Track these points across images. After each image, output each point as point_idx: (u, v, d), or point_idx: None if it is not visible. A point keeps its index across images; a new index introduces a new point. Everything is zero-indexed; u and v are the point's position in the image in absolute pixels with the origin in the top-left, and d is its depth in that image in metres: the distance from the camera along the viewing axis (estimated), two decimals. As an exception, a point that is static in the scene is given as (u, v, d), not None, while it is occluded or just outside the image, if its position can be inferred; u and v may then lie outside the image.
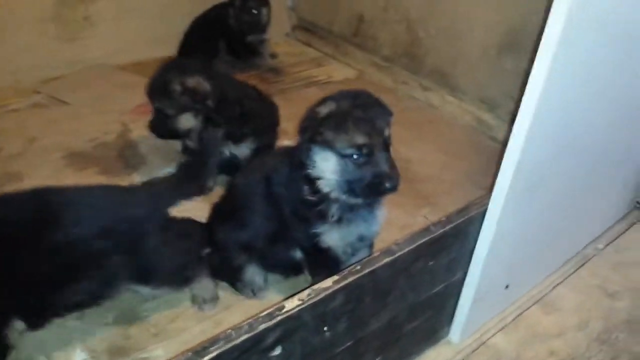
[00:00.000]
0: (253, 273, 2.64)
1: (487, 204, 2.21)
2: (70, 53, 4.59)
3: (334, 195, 2.25)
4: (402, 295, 2.07)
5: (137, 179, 3.40)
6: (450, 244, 2.16)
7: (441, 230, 2.06)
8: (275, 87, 4.69)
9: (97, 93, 4.31)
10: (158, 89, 3.08)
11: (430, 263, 2.10)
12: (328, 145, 2.17)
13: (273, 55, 5.20)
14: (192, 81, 3.05)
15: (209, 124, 3.14)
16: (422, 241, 2.00)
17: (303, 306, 1.68)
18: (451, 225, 2.09)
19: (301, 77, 4.98)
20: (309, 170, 2.26)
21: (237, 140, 3.27)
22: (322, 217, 2.31)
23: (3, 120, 3.91)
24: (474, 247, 2.28)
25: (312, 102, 4.30)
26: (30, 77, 4.41)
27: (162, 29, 4.98)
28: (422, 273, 2.10)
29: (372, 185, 2.16)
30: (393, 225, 3.04)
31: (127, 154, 3.63)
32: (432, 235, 2.03)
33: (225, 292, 2.70)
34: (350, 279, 1.79)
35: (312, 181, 2.27)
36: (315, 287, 1.74)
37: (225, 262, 2.63)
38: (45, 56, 4.48)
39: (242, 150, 3.29)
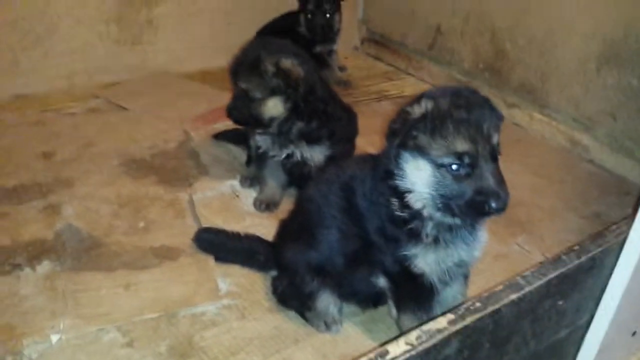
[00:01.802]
0: (327, 302, 2.24)
1: (627, 231, 1.76)
2: (131, 58, 4.41)
3: (427, 212, 1.88)
4: (523, 342, 1.65)
5: (197, 190, 3.08)
6: (583, 280, 1.73)
7: (576, 262, 1.64)
8: (345, 99, 4.35)
9: (158, 100, 4.07)
10: (247, 67, 2.74)
11: (560, 302, 1.68)
12: (421, 152, 1.80)
13: (342, 68, 4.89)
14: (288, 63, 2.72)
15: (293, 115, 2.82)
16: (553, 275, 1.58)
17: (412, 352, 1.29)
18: (587, 256, 1.66)
19: (372, 90, 4.64)
20: (398, 182, 1.89)
21: (312, 141, 2.90)
22: (415, 236, 1.93)
23: (58, 124, 3.70)
24: (607, 283, 1.83)
25: (385, 116, 4.01)
26: (87, 81, 4.25)
27: (227, 37, 4.73)
28: (549, 315, 1.68)
29: (474, 204, 1.76)
30: (486, 253, 2.59)
31: (187, 164, 3.34)
32: (565, 268, 1.61)
33: (293, 323, 2.32)
34: (469, 320, 1.39)
35: (401, 194, 1.90)
36: (426, 328, 1.34)
37: (295, 288, 2.25)
38: (105, 60, 4.30)
39: (316, 154, 2.92)
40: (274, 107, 2.77)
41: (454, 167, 1.75)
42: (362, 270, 2.12)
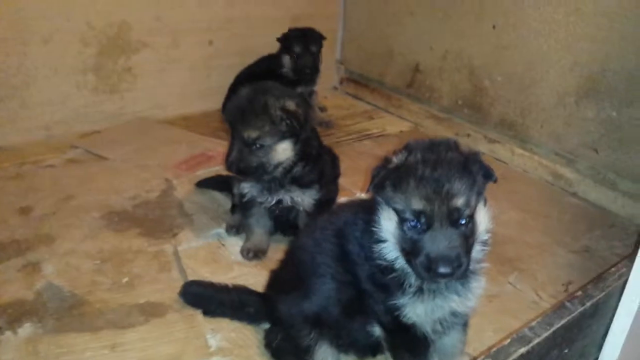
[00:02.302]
0: (324, 354, 2.16)
1: (628, 274, 1.73)
2: (110, 106, 4.36)
3: (398, 263, 1.84)
4: (530, 394, 1.59)
5: (182, 241, 3.00)
6: (587, 325, 1.69)
7: (580, 309, 1.60)
8: (327, 140, 4.33)
9: (139, 147, 4.01)
10: (255, 114, 2.64)
11: (565, 351, 1.63)
12: (388, 203, 1.78)
13: (322, 109, 4.89)
14: (293, 105, 2.69)
15: (297, 158, 2.77)
16: (559, 324, 1.53)
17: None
18: (591, 302, 1.63)
19: (353, 130, 4.65)
20: (375, 228, 1.86)
21: (304, 184, 2.85)
22: (400, 286, 1.88)
23: (36, 177, 3.60)
24: (609, 327, 1.80)
25: (366, 157, 3.99)
26: (65, 131, 4.18)
27: (206, 82, 4.76)
28: (554, 364, 1.63)
29: (425, 264, 1.72)
30: (480, 295, 2.58)
31: (171, 214, 3.26)
32: (570, 316, 1.56)
33: (288, 378, 2.23)
34: (480, 377, 1.33)
35: (378, 242, 1.87)
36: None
37: (290, 341, 2.17)
38: (83, 109, 4.25)
39: (307, 198, 2.86)
40: (283, 152, 2.72)
41: (412, 223, 1.73)
42: (358, 320, 2.05)
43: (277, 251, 2.96)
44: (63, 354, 2.26)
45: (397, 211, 1.75)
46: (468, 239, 1.75)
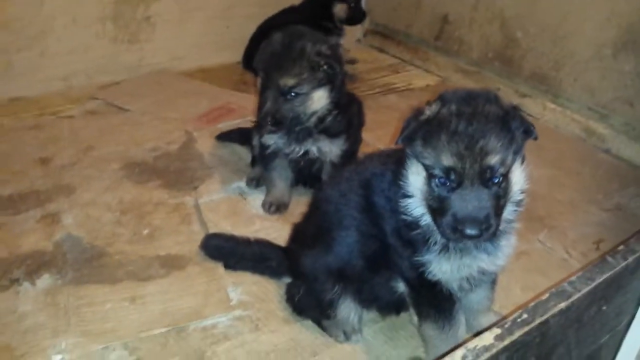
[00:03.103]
0: (347, 309, 2.10)
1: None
2: (129, 57, 4.27)
3: (424, 220, 1.74)
4: (567, 352, 1.52)
5: (203, 194, 2.94)
6: (628, 282, 1.59)
7: (622, 264, 1.50)
8: (351, 94, 4.22)
9: (158, 100, 3.93)
10: (292, 61, 2.51)
11: (604, 307, 1.54)
12: (418, 157, 1.67)
13: (352, 61, 4.75)
14: (330, 50, 2.57)
15: (332, 106, 2.66)
16: (600, 279, 1.44)
17: (457, 374, 1.15)
18: (634, 257, 1.52)
19: (378, 84, 4.50)
20: (402, 182, 1.76)
21: (333, 134, 2.74)
22: (425, 242, 1.79)
23: (55, 128, 3.55)
24: (647, 285, 1.70)
25: (390, 111, 3.86)
26: (84, 82, 4.11)
27: (225, 33, 4.63)
28: (593, 321, 1.55)
29: (451, 224, 1.62)
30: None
31: (191, 166, 3.20)
32: (612, 271, 1.47)
33: (310, 334, 2.18)
34: (517, 334, 1.25)
35: (405, 197, 1.77)
36: (471, 346, 1.21)
37: (313, 296, 2.11)
38: (102, 60, 4.16)
39: (335, 148, 2.76)
40: (319, 100, 2.62)
41: (442, 180, 1.62)
42: (382, 274, 1.98)
43: (298, 205, 2.89)
44: (83, 305, 2.24)
45: (426, 166, 1.64)
46: (500, 199, 1.64)
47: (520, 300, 2.37)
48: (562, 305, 1.34)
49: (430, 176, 1.64)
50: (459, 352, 1.18)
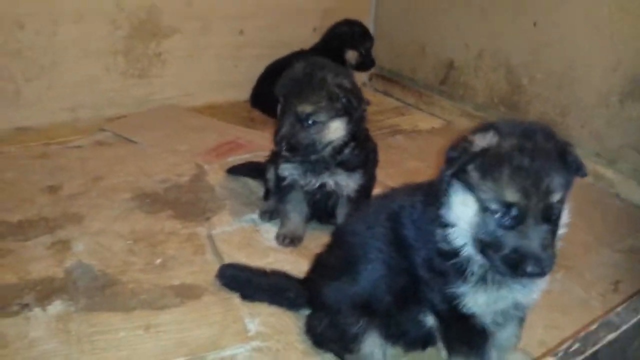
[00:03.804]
0: (372, 344, 2.03)
1: None
2: (138, 91, 4.28)
3: (466, 250, 1.71)
4: (613, 385, 1.47)
5: (215, 225, 2.90)
6: (671, 314, 1.56)
7: (668, 294, 1.47)
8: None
9: (167, 133, 3.92)
10: (311, 89, 2.54)
11: (648, 340, 1.51)
12: (471, 189, 1.64)
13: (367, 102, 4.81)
14: (350, 83, 2.61)
15: (349, 138, 2.67)
16: (647, 308, 1.41)
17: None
18: (678, 288, 1.50)
19: (385, 125, 4.54)
20: (443, 212, 1.74)
21: (351, 168, 2.73)
22: (462, 273, 1.75)
23: (63, 157, 3.52)
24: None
25: (399, 151, 3.88)
26: (92, 114, 4.10)
27: (234, 71, 4.67)
28: (636, 354, 1.50)
29: (509, 260, 1.60)
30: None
31: (203, 198, 3.16)
32: (658, 301, 1.44)
33: (330, 367, 2.11)
34: (572, 362, 1.21)
35: (445, 226, 1.74)
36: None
37: (336, 329, 2.05)
38: (111, 92, 4.16)
39: (352, 182, 2.74)
40: (335, 131, 2.61)
41: (499, 215, 1.59)
42: (411, 309, 1.93)
43: (312, 239, 2.86)
44: (96, 333, 2.16)
45: (480, 199, 1.61)
46: (554, 235, 1.62)
47: (544, 338, 2.33)
48: (611, 336, 1.31)
49: (484, 209, 1.61)
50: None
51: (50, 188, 3.13)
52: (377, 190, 3.09)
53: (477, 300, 1.76)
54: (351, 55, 4.46)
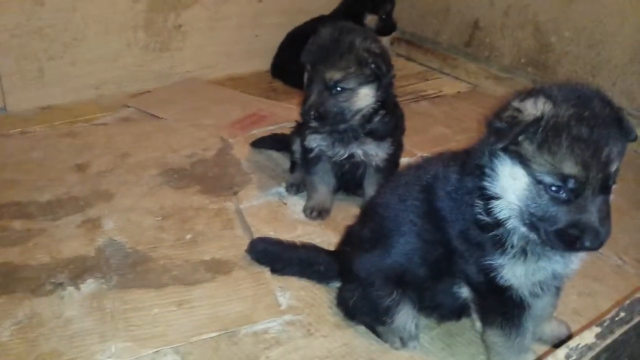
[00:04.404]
0: (405, 316, 2.02)
1: None
2: (160, 65, 4.26)
3: (511, 223, 1.67)
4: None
5: (243, 199, 2.90)
6: None
7: None
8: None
9: (191, 107, 3.91)
10: (339, 55, 2.46)
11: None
12: (522, 161, 1.57)
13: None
14: (379, 47, 2.54)
15: (378, 106, 2.61)
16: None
17: (560, 373, 1.09)
18: None
19: (408, 91, 4.45)
20: (487, 183, 1.68)
21: (380, 137, 2.68)
22: (501, 245, 1.71)
23: (90, 135, 3.53)
24: None
25: (424, 117, 3.81)
26: (115, 90, 4.10)
27: (254, 42, 4.61)
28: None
29: (564, 234, 1.54)
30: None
31: (229, 172, 3.16)
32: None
33: (364, 339, 2.11)
34: (617, 333, 1.18)
35: (488, 198, 1.69)
36: (573, 344, 1.14)
37: (368, 301, 2.04)
38: (132, 68, 4.15)
39: (381, 152, 2.69)
40: (364, 98, 2.56)
41: (554, 188, 1.52)
42: (445, 281, 1.91)
43: (340, 210, 2.85)
44: (129, 310, 2.19)
45: (533, 172, 1.55)
46: (609, 206, 1.57)
47: (578, 305, 2.31)
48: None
49: (537, 182, 1.55)
50: (562, 352, 1.12)
51: (79, 166, 3.15)
52: (403, 159, 3.06)
53: (515, 272, 1.73)
54: (370, 20, 4.33)
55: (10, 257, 2.44)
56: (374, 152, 2.68)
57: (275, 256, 2.40)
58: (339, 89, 2.49)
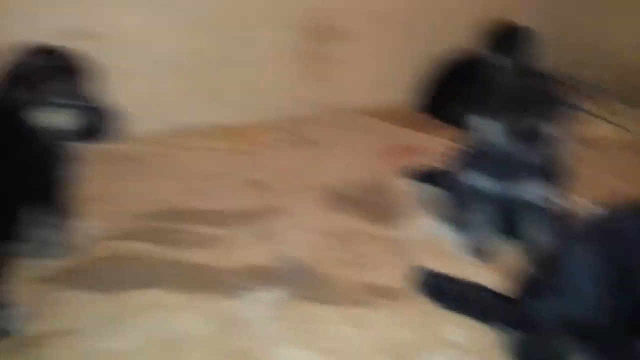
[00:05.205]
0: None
1: None
2: (317, 94, 4.51)
3: None
4: None
5: (404, 229, 3.03)
6: None
7: None
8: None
9: (346, 135, 4.17)
10: (535, 102, 2.52)
11: None
12: None
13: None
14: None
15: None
16: None
17: None
18: None
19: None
20: None
21: (550, 177, 2.66)
22: None
23: (259, 154, 3.86)
24: None
25: (584, 163, 3.69)
26: (274, 115, 4.36)
27: (407, 74, 4.74)
28: None
29: None
30: None
31: (388, 201, 3.32)
32: None
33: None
34: None
35: None
36: None
37: (545, 352, 2.05)
38: (288, 94, 4.42)
39: (550, 194, 2.66)
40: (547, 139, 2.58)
41: None
42: (634, 339, 1.89)
43: (503, 252, 2.87)
44: (308, 322, 2.36)
45: None
46: None
47: None
48: None
49: None
50: None
51: (253, 182, 3.44)
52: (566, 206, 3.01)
53: None
54: (513, 59, 4.14)
55: (202, 258, 2.71)
56: (542, 192, 2.66)
57: (444, 291, 2.47)
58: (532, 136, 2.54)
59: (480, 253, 2.84)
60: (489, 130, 2.65)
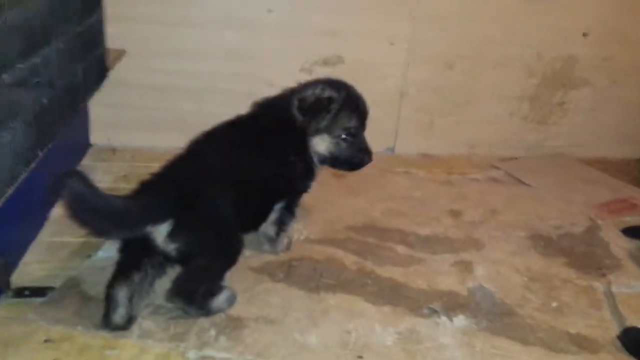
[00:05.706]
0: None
1: None
2: (533, 136, 4.46)
3: None
4: None
5: (613, 283, 2.85)
6: None
7: None
8: None
9: (559, 181, 4.01)
10: None
11: None
12: None
13: None
14: None
15: None
16: None
17: None
18: None
19: None
20: None
21: None
22: None
23: (463, 186, 3.89)
24: None
25: None
26: (486, 151, 4.41)
27: (633, 127, 4.46)
28: None
29: None
30: None
31: (597, 253, 3.14)
32: None
33: None
34: None
35: None
36: None
37: None
38: (508, 134, 4.42)
39: None
40: None
41: None
42: None
43: None
44: (498, 355, 2.34)
45: None
46: None
47: None
48: None
49: None
50: None
51: (453, 212, 3.49)
52: None
53: None
54: None
55: (395, 275, 2.82)
56: None
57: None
58: None
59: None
60: None
